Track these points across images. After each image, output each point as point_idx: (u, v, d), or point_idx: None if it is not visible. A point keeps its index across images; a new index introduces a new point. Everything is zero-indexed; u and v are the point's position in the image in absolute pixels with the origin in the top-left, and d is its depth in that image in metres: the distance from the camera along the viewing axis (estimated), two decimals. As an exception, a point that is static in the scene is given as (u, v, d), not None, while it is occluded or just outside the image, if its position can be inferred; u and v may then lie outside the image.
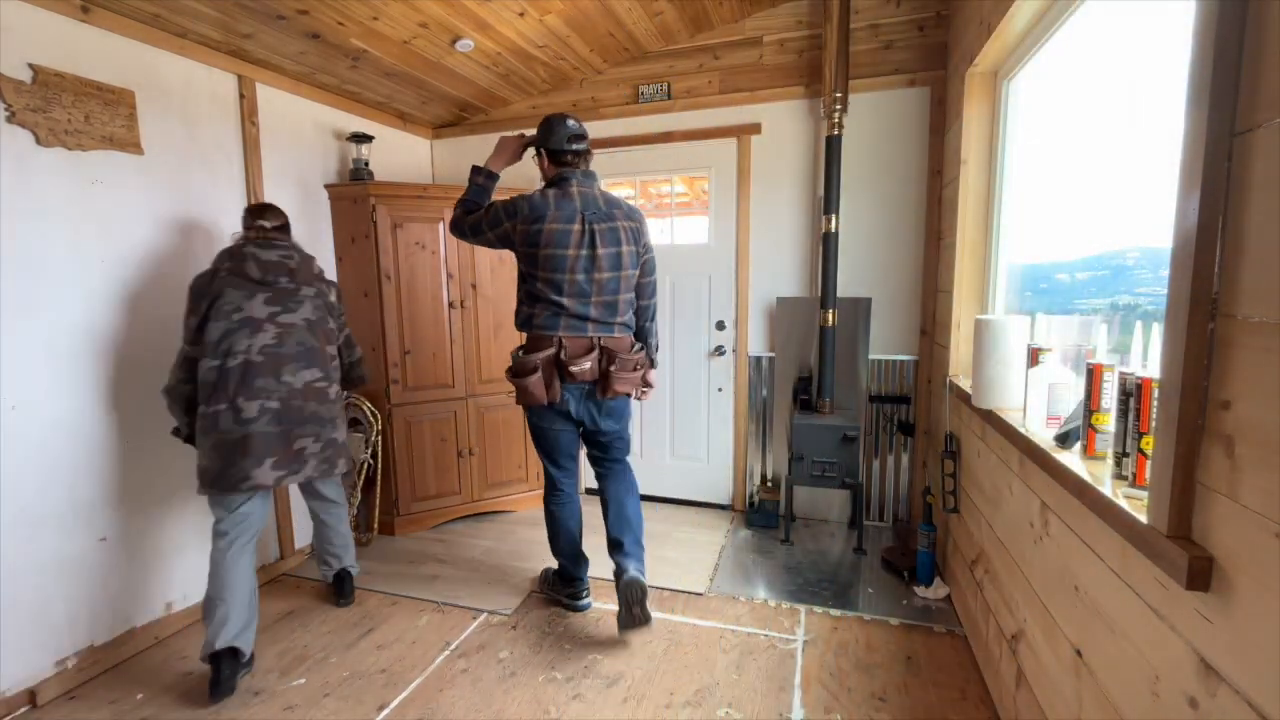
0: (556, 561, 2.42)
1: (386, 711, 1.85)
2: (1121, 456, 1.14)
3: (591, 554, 2.45)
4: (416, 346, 3.03)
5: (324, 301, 2.14)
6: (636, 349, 2.21)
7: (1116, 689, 1.10)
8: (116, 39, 2.06)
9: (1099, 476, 1.18)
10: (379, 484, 2.99)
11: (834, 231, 2.82)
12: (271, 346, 1.93)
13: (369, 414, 2.93)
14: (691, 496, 3.48)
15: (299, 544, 2.81)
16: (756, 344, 3.24)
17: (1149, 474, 0.99)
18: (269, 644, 2.20)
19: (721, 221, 3.23)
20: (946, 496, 2.37)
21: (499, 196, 2.19)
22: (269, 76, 2.59)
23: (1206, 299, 0.85)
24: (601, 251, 2.07)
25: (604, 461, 2.36)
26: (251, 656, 2.00)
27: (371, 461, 2.95)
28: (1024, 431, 1.54)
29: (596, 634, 2.23)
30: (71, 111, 1.94)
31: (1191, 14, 0.89)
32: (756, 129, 3.09)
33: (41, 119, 1.87)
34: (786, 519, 2.99)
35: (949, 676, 1.97)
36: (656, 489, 3.53)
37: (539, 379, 2.06)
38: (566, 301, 2.07)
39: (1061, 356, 1.56)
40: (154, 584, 2.23)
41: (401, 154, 3.44)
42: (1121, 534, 1.03)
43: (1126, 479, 1.12)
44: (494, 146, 2.22)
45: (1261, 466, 0.76)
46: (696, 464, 3.45)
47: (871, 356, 3.04)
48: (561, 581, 2.44)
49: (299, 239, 2.79)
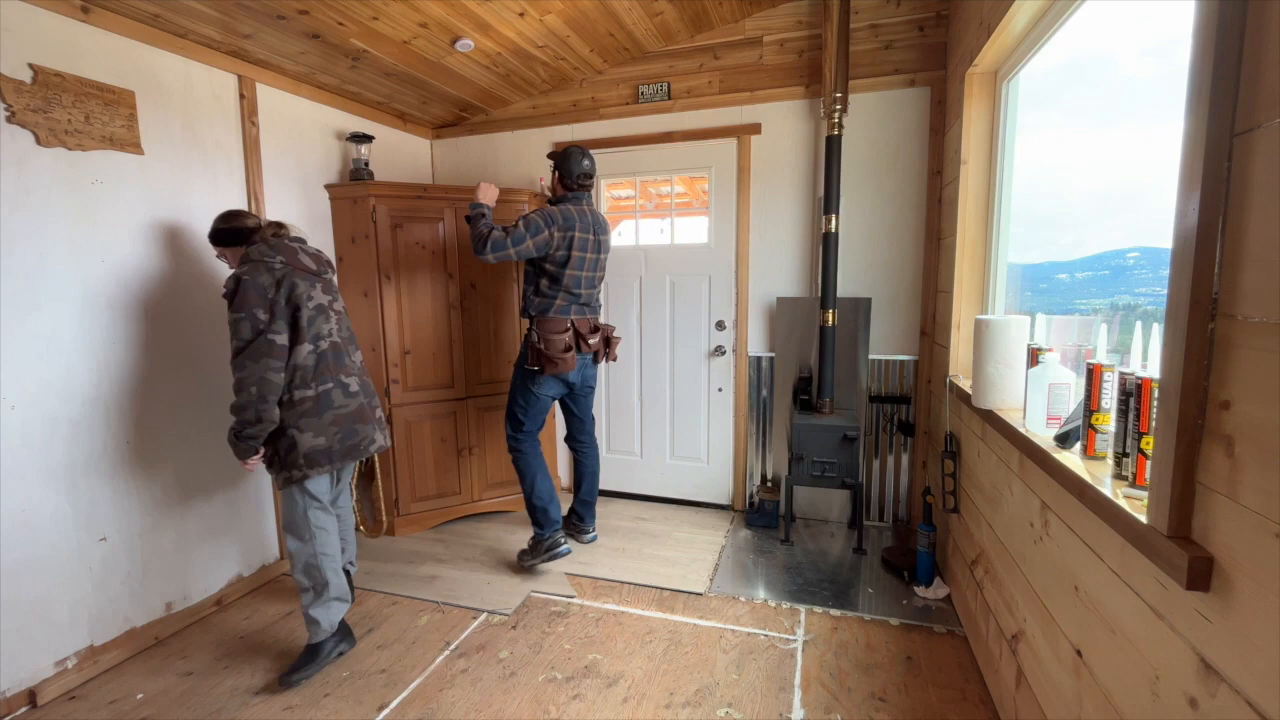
0: (535, 511, 2.70)
1: (386, 711, 1.86)
2: (1121, 456, 1.14)
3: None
4: (416, 346, 3.03)
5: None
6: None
7: (1116, 689, 1.10)
8: (116, 39, 2.06)
9: (1099, 476, 1.18)
10: (379, 477, 2.99)
11: (834, 231, 2.82)
12: (338, 330, 2.09)
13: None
14: (691, 496, 3.48)
15: (299, 544, 2.81)
16: (756, 344, 3.24)
17: (1149, 474, 0.99)
18: (269, 644, 2.20)
19: (721, 221, 3.23)
20: (946, 496, 2.37)
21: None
22: (269, 76, 2.59)
23: (1206, 299, 0.85)
24: (598, 256, 2.68)
25: (583, 425, 2.93)
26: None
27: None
28: (1024, 431, 1.54)
29: (596, 634, 2.23)
30: (72, 111, 1.94)
31: (1191, 14, 0.89)
32: (756, 129, 3.09)
33: (42, 119, 1.87)
34: (786, 519, 2.99)
35: (949, 676, 1.97)
36: (657, 489, 3.54)
37: (572, 354, 2.61)
38: (581, 293, 2.65)
39: (1061, 356, 1.56)
40: (154, 584, 2.23)
41: (401, 154, 3.44)
42: (1121, 534, 1.03)
43: (1126, 479, 1.12)
44: (480, 191, 2.56)
45: (1261, 466, 0.76)
46: (696, 464, 3.45)
47: (871, 356, 3.04)
48: (543, 536, 2.70)
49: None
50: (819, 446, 2.77)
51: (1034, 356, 1.58)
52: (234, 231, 2.01)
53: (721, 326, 3.30)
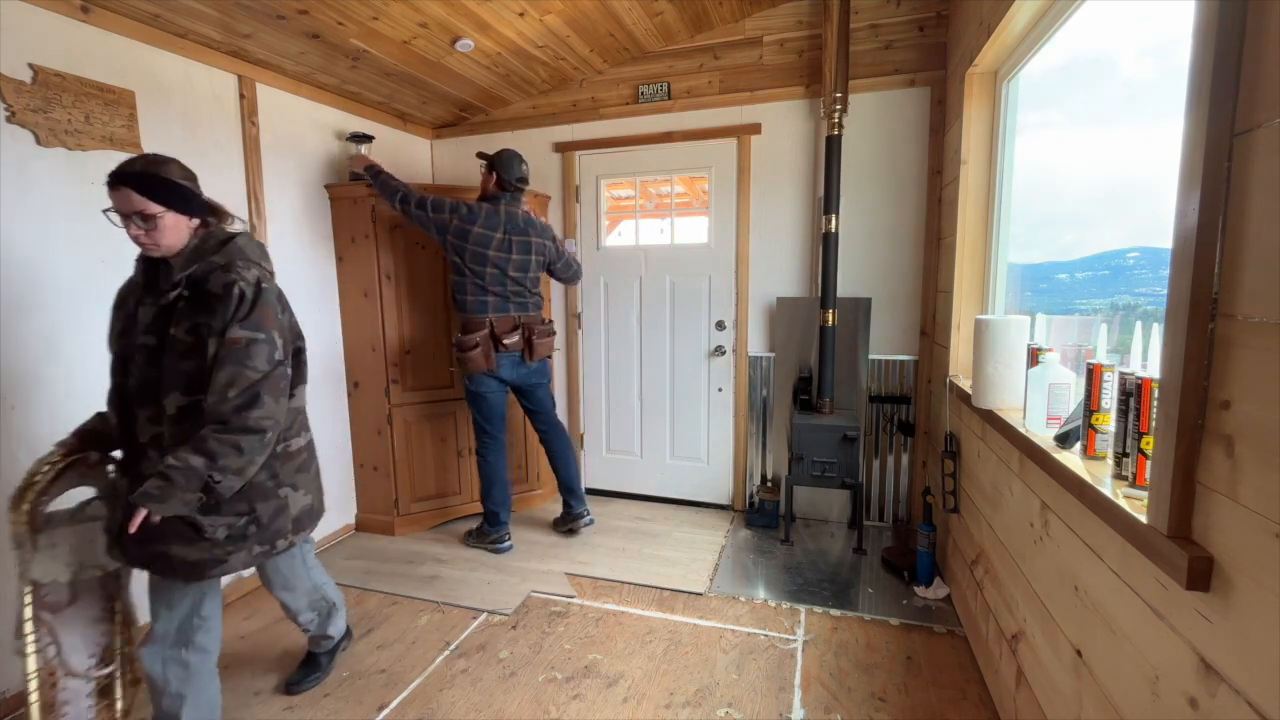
0: (487, 512, 2.89)
1: (386, 711, 1.85)
2: (1121, 456, 1.14)
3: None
4: (416, 346, 3.03)
5: None
6: (549, 322, 2.91)
7: (1116, 689, 1.10)
8: (116, 39, 2.06)
9: (1099, 476, 1.18)
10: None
11: (834, 231, 2.82)
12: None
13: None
14: (691, 496, 3.47)
15: (299, 544, 2.81)
16: (756, 344, 3.24)
17: (1149, 474, 0.99)
18: (269, 644, 2.20)
19: (721, 221, 3.23)
20: (946, 496, 2.37)
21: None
22: (269, 76, 2.59)
23: (1206, 299, 0.85)
24: (526, 258, 2.73)
25: (539, 415, 2.96)
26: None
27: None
28: (1024, 431, 1.54)
29: (596, 634, 2.23)
30: (72, 112, 1.94)
31: (1191, 14, 0.89)
32: (756, 129, 3.08)
33: (42, 119, 1.87)
34: (786, 519, 2.99)
35: (949, 676, 1.97)
36: (657, 489, 3.53)
37: (480, 351, 2.65)
38: (502, 290, 2.70)
39: (1061, 356, 1.56)
40: (154, 584, 2.23)
41: (401, 154, 3.44)
42: (1121, 534, 1.03)
43: (1126, 479, 1.12)
44: (356, 162, 2.79)
45: (1261, 466, 0.76)
46: (696, 464, 3.45)
47: (871, 356, 3.04)
48: (489, 531, 2.90)
49: (300, 240, 2.81)
50: (819, 446, 2.77)
51: (1034, 356, 1.58)
52: (189, 194, 1.45)
53: (721, 326, 3.30)
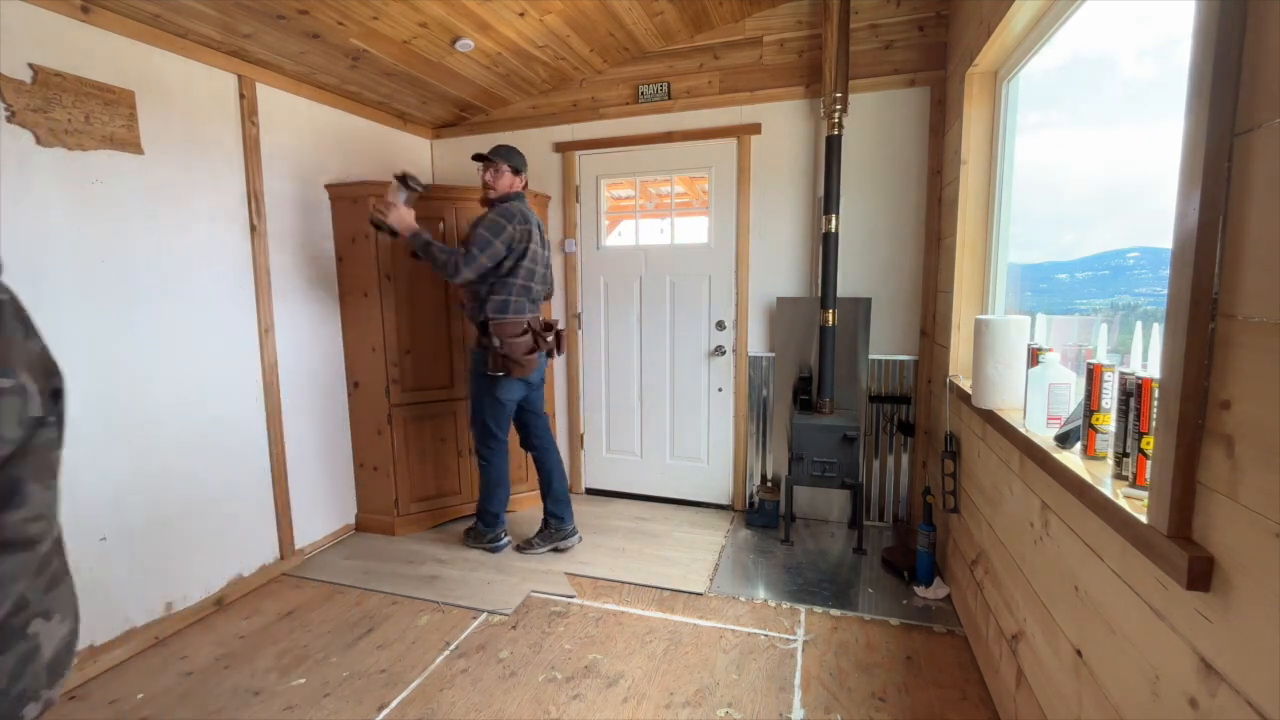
0: (487, 513, 2.86)
1: (386, 711, 1.85)
2: (1122, 456, 1.14)
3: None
4: (416, 346, 3.03)
5: None
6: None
7: (1116, 689, 1.10)
8: (116, 39, 2.06)
9: (1099, 476, 1.18)
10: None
11: (834, 231, 2.82)
12: None
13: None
14: (691, 496, 3.47)
15: (299, 544, 2.82)
16: (756, 344, 3.24)
17: (1149, 474, 0.99)
18: (269, 644, 2.20)
19: (721, 221, 3.23)
20: (946, 496, 2.37)
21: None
22: (269, 76, 2.59)
23: (1206, 299, 0.85)
24: (545, 252, 2.73)
25: (540, 420, 2.88)
26: None
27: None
28: (1024, 431, 1.54)
29: (596, 634, 2.23)
30: (72, 111, 1.94)
31: (1191, 14, 0.89)
32: (756, 129, 3.08)
33: (42, 119, 1.87)
34: (786, 519, 2.99)
35: (949, 676, 1.97)
36: (657, 489, 3.53)
37: (534, 355, 2.63)
38: (535, 289, 2.69)
39: (1061, 356, 1.56)
40: (154, 584, 2.23)
41: (401, 154, 3.44)
42: (1122, 534, 1.03)
43: (1127, 479, 1.12)
44: (401, 224, 2.50)
45: (1261, 466, 0.76)
46: (696, 464, 3.45)
47: (871, 356, 3.04)
48: (486, 530, 2.89)
49: (297, 238, 2.81)
50: (819, 446, 2.77)
51: (1034, 356, 1.58)
52: None
53: (721, 326, 3.30)
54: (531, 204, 3.26)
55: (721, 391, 3.34)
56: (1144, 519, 0.96)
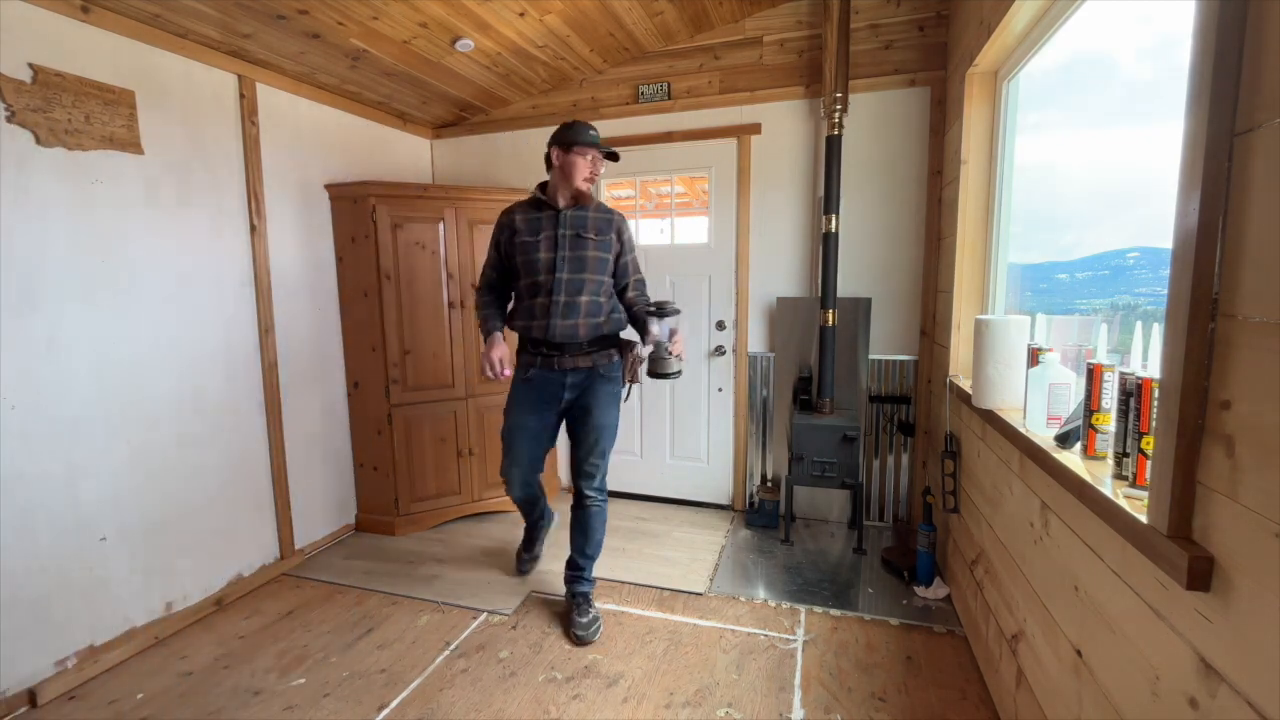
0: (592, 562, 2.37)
1: (386, 711, 1.85)
2: (1122, 456, 1.14)
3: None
4: (416, 346, 3.03)
5: None
6: None
7: (1116, 689, 1.10)
8: (116, 39, 2.06)
9: (1099, 476, 1.18)
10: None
11: (834, 231, 2.82)
12: None
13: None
14: (691, 496, 3.47)
15: (299, 544, 2.82)
16: (756, 344, 3.24)
17: (1149, 474, 0.99)
18: (269, 643, 2.20)
19: (721, 221, 3.23)
20: (946, 496, 2.37)
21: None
22: (269, 76, 2.59)
23: (1206, 299, 0.85)
24: None
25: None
26: None
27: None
28: (1024, 431, 1.54)
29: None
30: (71, 111, 1.94)
31: (1191, 14, 0.89)
32: (756, 129, 3.08)
33: (42, 119, 1.87)
34: (786, 519, 2.99)
35: (949, 676, 1.97)
36: (656, 489, 3.53)
37: None
38: None
39: (1061, 356, 1.56)
40: (154, 584, 2.23)
41: (401, 154, 3.44)
42: (1121, 534, 1.03)
43: (1127, 479, 1.12)
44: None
45: (1261, 466, 0.76)
46: (696, 464, 3.45)
47: (871, 356, 3.04)
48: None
49: (297, 238, 2.81)
50: (819, 446, 2.77)
51: (1034, 356, 1.58)
52: None
53: (721, 326, 3.30)
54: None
55: (721, 391, 3.34)
56: (1144, 519, 0.96)
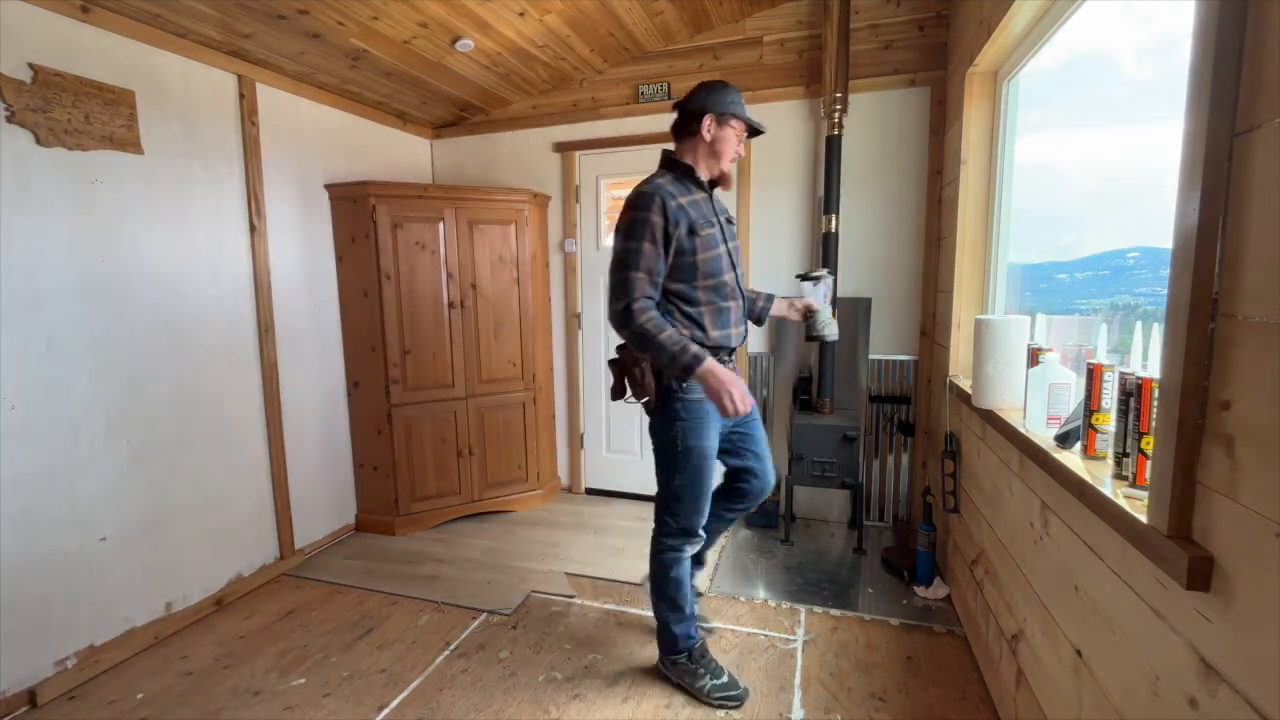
0: (678, 634, 1.90)
1: (386, 711, 1.85)
2: (1122, 456, 1.14)
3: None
4: (416, 346, 3.03)
5: None
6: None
7: (1116, 689, 1.10)
8: (116, 39, 2.06)
9: (1099, 476, 1.18)
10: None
11: (834, 231, 2.82)
12: None
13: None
14: (691, 496, 3.47)
15: (299, 544, 2.82)
16: (756, 343, 3.24)
17: (1149, 474, 0.99)
18: (269, 644, 2.20)
19: (721, 221, 3.22)
20: (946, 496, 2.37)
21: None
22: (269, 76, 2.59)
23: (1207, 299, 0.85)
24: None
25: None
26: None
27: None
28: (1024, 431, 1.54)
29: (596, 634, 2.23)
30: (71, 111, 1.94)
31: (1191, 14, 0.89)
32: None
33: (42, 119, 1.87)
34: (786, 519, 2.99)
35: (949, 676, 1.97)
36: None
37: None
38: None
39: (1061, 356, 1.56)
40: (154, 584, 2.23)
41: (401, 154, 3.44)
42: (1121, 534, 1.03)
43: (1127, 479, 1.12)
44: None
45: (1261, 466, 0.76)
46: (696, 464, 3.44)
47: (871, 356, 3.04)
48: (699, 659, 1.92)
49: (297, 238, 2.81)
50: (819, 446, 2.77)
51: (1034, 356, 1.58)
52: None
53: (721, 326, 3.29)
54: (530, 204, 3.27)
55: (721, 391, 3.33)
56: (1144, 519, 0.96)
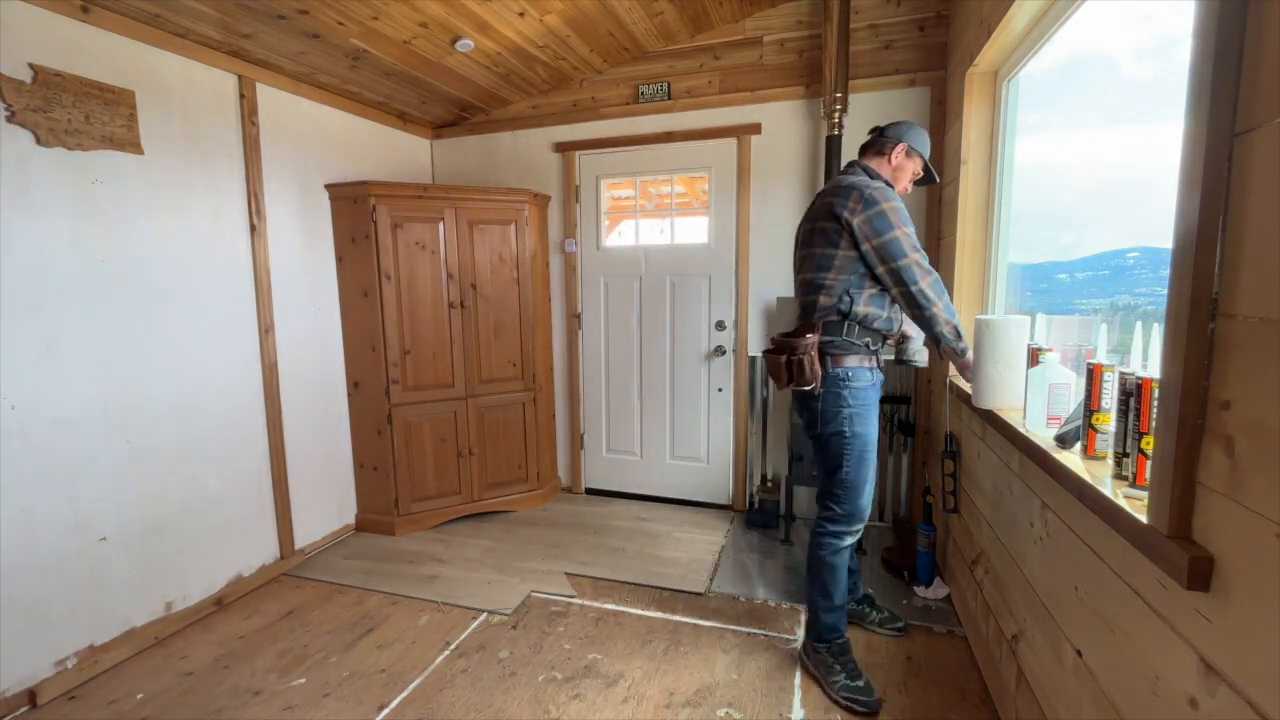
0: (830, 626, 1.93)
1: (386, 711, 1.86)
2: (1122, 456, 1.14)
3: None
4: (416, 346, 3.03)
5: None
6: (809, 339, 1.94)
7: (1116, 689, 1.10)
8: (116, 39, 2.06)
9: (1099, 476, 1.18)
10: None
11: (834, 231, 2.82)
12: None
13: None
14: (691, 496, 3.47)
15: (299, 544, 2.82)
16: (756, 344, 3.24)
17: (1149, 474, 0.99)
18: (269, 644, 2.20)
19: (721, 221, 3.23)
20: (946, 496, 2.37)
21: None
22: (269, 76, 2.59)
23: (1206, 299, 0.85)
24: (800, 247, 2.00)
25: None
26: None
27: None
28: (1024, 431, 1.54)
29: (596, 634, 2.23)
30: (72, 111, 1.94)
31: (1191, 14, 0.89)
32: (756, 129, 3.08)
33: (42, 119, 1.87)
34: (786, 519, 2.99)
35: (949, 676, 1.97)
36: (656, 489, 3.53)
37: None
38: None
39: (1061, 356, 1.56)
40: (154, 584, 2.23)
41: (401, 154, 3.44)
42: (1122, 534, 1.03)
43: (1127, 479, 1.12)
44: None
45: (1261, 466, 0.76)
46: (696, 464, 3.45)
47: (871, 356, 3.03)
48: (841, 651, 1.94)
49: (297, 238, 2.81)
50: (819, 446, 2.76)
51: (1034, 356, 1.58)
52: None
53: (721, 326, 3.30)
54: (530, 204, 3.27)
55: (721, 391, 3.34)
56: (1144, 519, 0.96)
